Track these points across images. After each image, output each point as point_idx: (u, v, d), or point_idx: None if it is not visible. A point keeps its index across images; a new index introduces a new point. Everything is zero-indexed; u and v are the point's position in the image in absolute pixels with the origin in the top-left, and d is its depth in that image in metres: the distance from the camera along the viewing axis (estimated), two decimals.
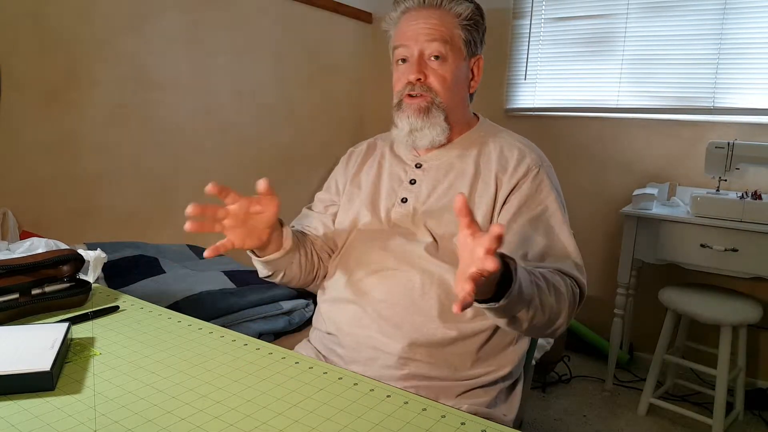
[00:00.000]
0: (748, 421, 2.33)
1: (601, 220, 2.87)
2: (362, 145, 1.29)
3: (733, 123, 2.52)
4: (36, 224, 1.82)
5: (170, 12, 2.19)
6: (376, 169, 1.20)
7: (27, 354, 0.78)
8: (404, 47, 1.10)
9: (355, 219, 1.16)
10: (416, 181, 1.13)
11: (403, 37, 1.10)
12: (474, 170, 1.09)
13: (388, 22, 1.16)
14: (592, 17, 2.85)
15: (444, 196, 1.09)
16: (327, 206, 1.25)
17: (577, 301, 0.99)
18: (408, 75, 1.09)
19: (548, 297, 0.92)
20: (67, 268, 1.09)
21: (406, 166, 1.17)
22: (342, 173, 1.27)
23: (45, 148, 1.86)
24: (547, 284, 0.93)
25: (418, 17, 1.09)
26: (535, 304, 0.89)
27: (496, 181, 1.06)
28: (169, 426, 0.67)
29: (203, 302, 1.58)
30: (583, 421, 2.30)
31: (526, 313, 0.89)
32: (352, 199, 1.20)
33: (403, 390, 0.78)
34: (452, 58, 1.09)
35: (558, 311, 0.94)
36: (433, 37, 1.07)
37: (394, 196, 1.14)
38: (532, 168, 1.07)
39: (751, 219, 2.12)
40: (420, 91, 1.08)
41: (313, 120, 2.89)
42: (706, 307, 2.14)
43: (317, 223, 1.23)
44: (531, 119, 3.08)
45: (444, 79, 1.08)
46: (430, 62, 1.08)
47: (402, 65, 1.12)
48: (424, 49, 1.08)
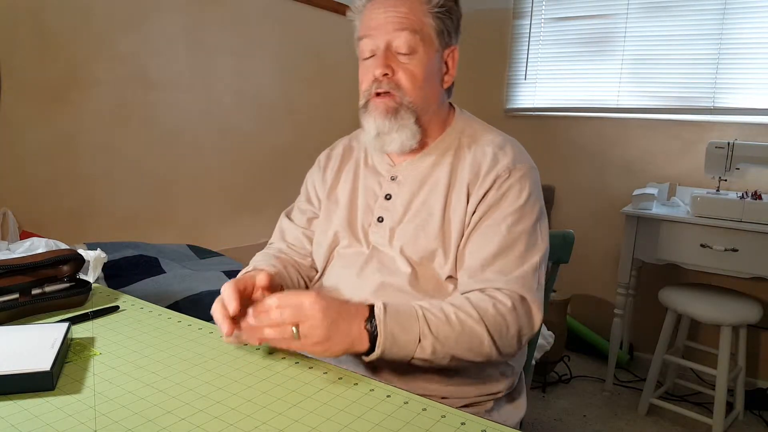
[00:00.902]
0: (748, 421, 2.33)
1: (601, 220, 2.87)
2: (338, 148, 1.21)
3: (733, 123, 2.52)
4: (36, 224, 1.82)
5: (170, 12, 2.19)
6: (351, 182, 1.13)
7: (27, 354, 0.78)
8: (369, 38, 1.01)
9: (333, 241, 1.10)
10: (391, 196, 1.07)
11: (368, 28, 1.01)
12: (448, 181, 1.02)
13: (353, 11, 1.07)
14: (592, 17, 2.86)
15: (417, 215, 1.02)
16: (310, 219, 1.19)
17: (512, 322, 0.91)
18: (374, 70, 0.99)
19: (447, 326, 0.86)
20: (67, 268, 1.09)
21: (381, 178, 1.09)
22: (320, 181, 1.19)
23: (45, 148, 1.86)
24: (444, 313, 0.87)
25: (385, 5, 0.99)
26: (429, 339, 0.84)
27: (468, 193, 1.00)
28: (169, 426, 0.67)
29: (203, 302, 1.58)
30: (583, 421, 2.30)
31: (421, 349, 0.85)
32: (330, 216, 1.13)
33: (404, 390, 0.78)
34: (423, 51, 0.99)
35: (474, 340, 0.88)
36: (401, 26, 0.98)
37: (370, 214, 1.08)
38: (501, 174, 0.99)
39: (751, 219, 2.12)
40: (387, 88, 0.99)
41: (313, 120, 2.89)
42: (706, 307, 2.14)
43: (304, 240, 1.17)
44: (531, 119, 3.08)
45: (414, 75, 0.99)
46: (398, 56, 0.99)
47: (368, 61, 1.02)
48: (391, 41, 0.99)
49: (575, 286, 2.90)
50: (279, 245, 1.19)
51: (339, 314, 0.81)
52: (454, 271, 0.99)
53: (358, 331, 0.82)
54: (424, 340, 0.85)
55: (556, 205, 3.01)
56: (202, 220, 2.35)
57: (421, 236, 1.01)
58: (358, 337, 0.82)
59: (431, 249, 1.00)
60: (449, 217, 1.00)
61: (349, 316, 0.82)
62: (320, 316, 0.78)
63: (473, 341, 0.89)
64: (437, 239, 1.00)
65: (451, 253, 0.99)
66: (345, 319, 0.81)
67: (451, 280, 1.00)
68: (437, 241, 0.99)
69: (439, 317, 0.87)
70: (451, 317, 0.88)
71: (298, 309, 0.79)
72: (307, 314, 0.78)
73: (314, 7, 2.81)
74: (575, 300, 2.87)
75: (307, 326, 0.78)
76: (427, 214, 1.02)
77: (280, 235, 1.20)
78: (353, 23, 1.07)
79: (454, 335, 0.87)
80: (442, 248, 0.99)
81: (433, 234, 1.00)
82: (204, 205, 2.36)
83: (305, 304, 0.79)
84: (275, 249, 1.18)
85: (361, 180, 1.12)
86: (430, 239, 1.00)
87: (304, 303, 0.79)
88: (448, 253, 0.99)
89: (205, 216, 2.37)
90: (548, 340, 2.19)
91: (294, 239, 1.18)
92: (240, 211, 2.51)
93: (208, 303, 1.58)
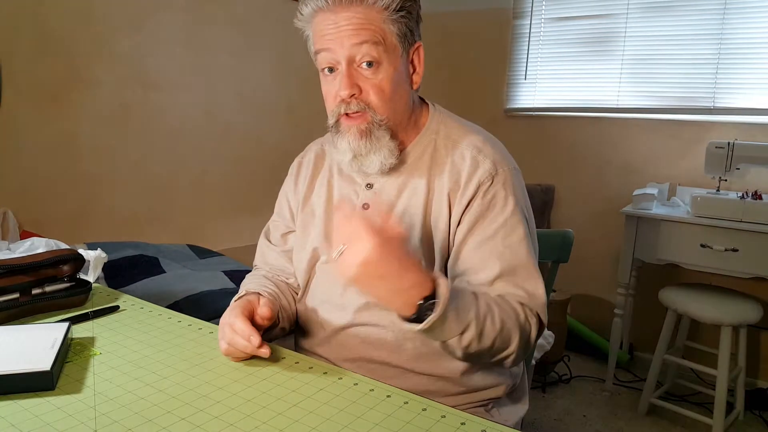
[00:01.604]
0: (748, 421, 2.33)
1: (601, 220, 2.86)
2: (309, 154, 1.15)
3: (733, 123, 2.52)
4: (36, 224, 1.82)
5: (170, 12, 2.19)
6: (326, 191, 1.07)
7: (27, 354, 0.78)
8: (328, 52, 0.92)
9: (312, 257, 1.06)
10: (369, 206, 1.01)
11: (324, 40, 0.92)
12: (427, 188, 0.97)
13: (299, 20, 0.97)
14: (592, 17, 2.85)
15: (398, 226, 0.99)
16: (284, 235, 1.14)
17: (531, 329, 0.91)
18: (340, 91, 0.92)
19: (491, 325, 0.85)
20: (67, 268, 1.09)
21: (357, 186, 1.03)
22: (292, 193, 1.13)
23: (45, 148, 1.86)
24: (491, 312, 0.86)
25: (337, 16, 0.90)
26: (471, 333, 0.83)
27: (449, 202, 0.96)
28: (169, 426, 0.67)
29: (203, 302, 1.58)
30: (583, 421, 2.30)
31: (458, 341, 0.83)
32: (306, 230, 1.08)
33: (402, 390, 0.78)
34: (387, 61, 0.92)
35: (506, 340, 0.88)
36: (360, 39, 0.90)
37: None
38: (484, 181, 0.94)
39: (751, 219, 2.12)
40: (357, 108, 0.93)
41: (313, 120, 2.89)
42: (706, 307, 2.14)
43: (284, 261, 1.13)
44: (531, 119, 3.08)
45: (381, 90, 0.93)
46: (362, 70, 0.92)
47: (329, 75, 0.95)
48: (353, 55, 0.91)
49: (575, 286, 2.90)
50: (263, 268, 1.16)
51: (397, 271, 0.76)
52: None
53: (408, 297, 0.78)
54: (467, 332, 0.83)
55: (556, 205, 3.01)
56: (202, 220, 2.35)
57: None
58: (406, 297, 0.78)
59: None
60: (431, 225, 0.97)
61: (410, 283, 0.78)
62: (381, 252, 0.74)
63: (503, 344, 0.88)
64: (420, 249, 0.97)
65: (436, 263, 0.97)
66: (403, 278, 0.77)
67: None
68: (420, 250, 0.97)
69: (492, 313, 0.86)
70: (495, 317, 0.86)
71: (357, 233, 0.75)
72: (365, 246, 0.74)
73: None
74: (575, 300, 2.87)
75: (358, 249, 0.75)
76: (407, 224, 0.98)
77: (262, 257, 1.17)
78: (303, 32, 0.98)
79: (493, 335, 0.86)
80: (424, 259, 0.97)
81: (415, 245, 0.97)
82: (204, 205, 2.36)
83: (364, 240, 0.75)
84: (262, 272, 1.15)
85: (335, 189, 1.07)
86: (414, 249, 0.97)
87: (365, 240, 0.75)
88: (433, 262, 0.97)
89: (205, 216, 2.37)
90: (548, 340, 2.19)
91: (274, 260, 1.14)
92: (240, 211, 2.51)
93: (208, 303, 1.59)
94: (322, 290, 1.04)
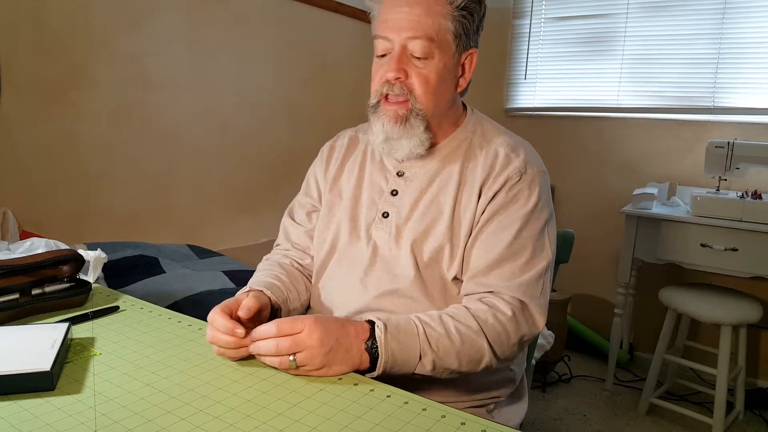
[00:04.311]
0: (748, 420, 2.33)
1: (601, 219, 2.87)
2: (344, 138, 1.18)
3: (733, 123, 2.52)
4: (36, 224, 1.82)
5: (170, 12, 2.19)
6: (357, 174, 1.10)
7: (27, 354, 0.78)
8: (384, 40, 0.98)
9: (335, 237, 1.08)
10: (398, 192, 1.04)
11: (383, 27, 0.97)
12: (459, 179, 1.01)
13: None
14: (592, 17, 2.86)
15: (427, 212, 1.01)
16: (309, 213, 1.17)
17: (512, 331, 0.91)
18: (387, 72, 0.97)
19: (447, 342, 0.86)
20: (67, 268, 1.09)
21: (388, 174, 1.07)
22: (322, 173, 1.16)
23: (45, 148, 1.86)
24: (444, 327, 0.87)
25: (401, 8, 0.95)
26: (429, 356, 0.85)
27: (480, 192, 0.99)
28: (169, 426, 0.67)
29: (203, 302, 1.58)
30: (583, 421, 2.30)
31: (422, 366, 0.85)
32: (333, 210, 1.11)
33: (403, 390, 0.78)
34: (438, 56, 0.96)
35: (475, 348, 0.89)
36: (415, 33, 0.94)
37: (374, 209, 1.05)
38: (512, 177, 0.98)
39: (751, 219, 2.12)
40: (399, 93, 0.97)
41: (313, 120, 2.89)
42: (706, 307, 2.14)
43: (307, 239, 1.15)
44: (531, 119, 3.08)
45: (427, 81, 0.97)
46: (412, 58, 0.97)
47: (382, 59, 1.00)
48: (406, 44, 0.96)
49: (575, 286, 2.90)
50: (285, 246, 1.18)
51: (337, 340, 0.80)
52: (460, 272, 0.98)
53: (358, 353, 0.82)
54: (425, 357, 0.85)
55: (556, 205, 3.01)
56: (202, 220, 2.35)
57: (431, 234, 1.00)
58: (358, 358, 0.82)
59: (440, 247, 0.99)
60: (459, 215, 0.99)
61: (348, 339, 0.82)
62: (317, 345, 0.79)
63: (473, 354, 0.89)
64: (446, 237, 0.98)
65: (459, 253, 0.98)
66: (343, 345, 0.81)
67: (456, 282, 0.99)
68: (446, 238, 0.98)
69: (440, 332, 0.87)
70: (451, 331, 0.87)
71: (294, 340, 0.79)
72: (306, 344, 0.79)
73: (314, 7, 2.81)
74: (575, 300, 2.87)
75: (305, 355, 0.79)
76: (437, 211, 1.00)
77: (285, 235, 1.19)
78: (371, 13, 1.03)
79: (454, 349, 0.87)
80: (449, 247, 0.98)
81: (442, 232, 0.99)
82: (204, 205, 2.36)
83: (302, 335, 0.79)
84: (281, 252, 1.17)
85: (366, 174, 1.10)
86: (440, 237, 0.99)
87: (301, 333, 0.79)
88: (456, 252, 0.98)
89: (205, 216, 2.37)
90: (548, 340, 2.18)
91: (297, 238, 1.16)
92: (240, 211, 2.51)
93: (208, 303, 1.59)
94: (340, 278, 1.05)
